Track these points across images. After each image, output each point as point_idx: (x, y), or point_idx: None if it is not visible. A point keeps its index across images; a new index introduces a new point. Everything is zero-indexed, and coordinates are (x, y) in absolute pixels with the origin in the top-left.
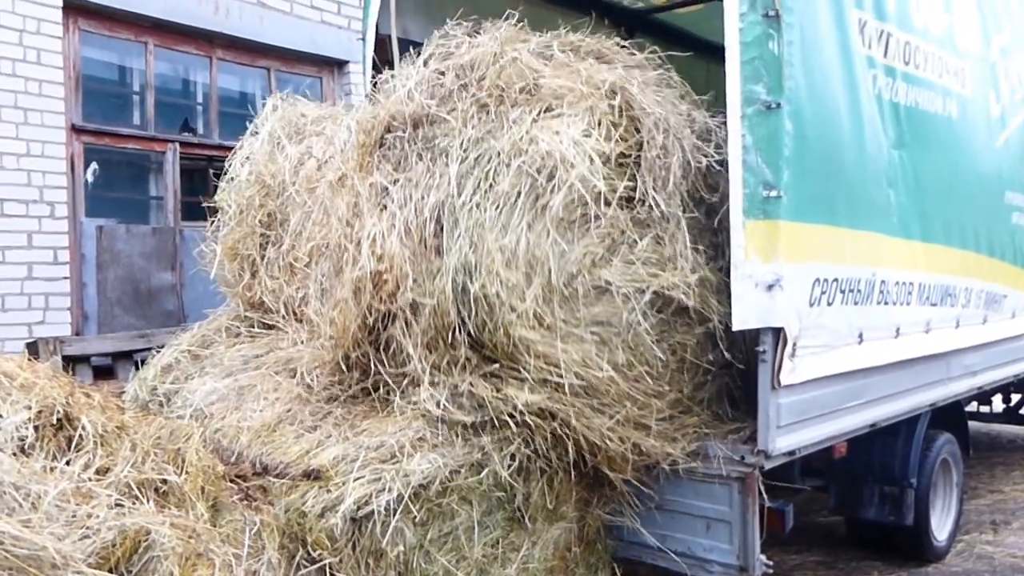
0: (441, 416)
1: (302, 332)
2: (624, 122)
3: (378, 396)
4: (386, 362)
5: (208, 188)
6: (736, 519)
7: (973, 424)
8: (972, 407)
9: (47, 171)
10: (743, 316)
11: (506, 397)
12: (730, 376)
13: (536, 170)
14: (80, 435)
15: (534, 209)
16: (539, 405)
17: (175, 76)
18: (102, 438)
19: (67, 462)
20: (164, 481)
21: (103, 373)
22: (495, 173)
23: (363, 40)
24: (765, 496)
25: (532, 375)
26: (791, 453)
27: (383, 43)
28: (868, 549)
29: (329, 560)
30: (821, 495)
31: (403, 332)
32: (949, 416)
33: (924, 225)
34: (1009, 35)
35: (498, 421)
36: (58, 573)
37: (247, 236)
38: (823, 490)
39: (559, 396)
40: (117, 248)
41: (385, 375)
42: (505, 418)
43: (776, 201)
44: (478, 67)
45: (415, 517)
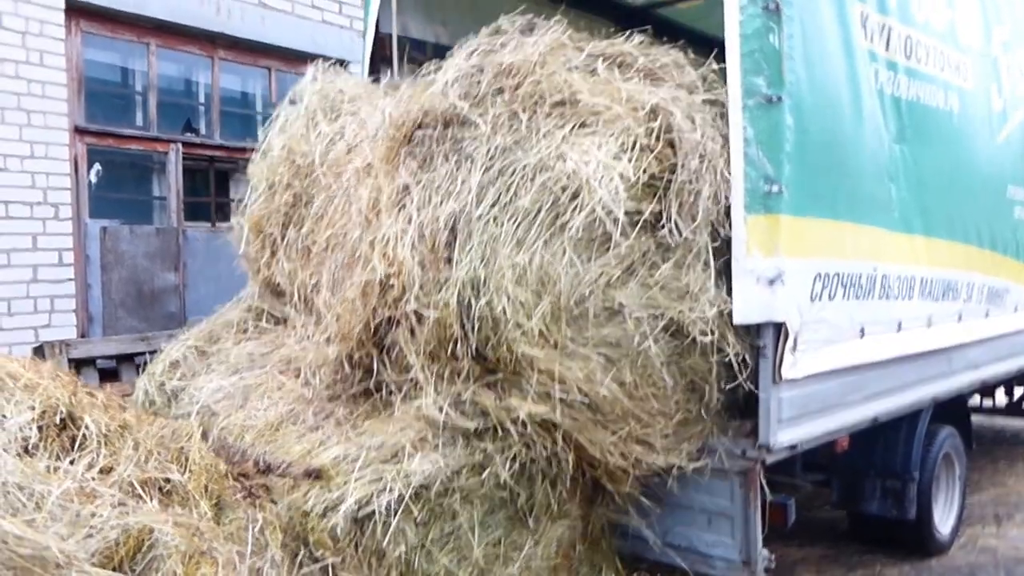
0: (443, 422)
1: (309, 325)
2: (660, 145)
3: (380, 397)
4: (389, 365)
5: (209, 188)
6: (738, 514)
7: (976, 418)
8: (975, 400)
9: (51, 173)
10: (745, 311)
11: (508, 407)
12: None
13: (560, 188)
14: (83, 435)
15: (553, 227)
16: (542, 416)
17: (177, 77)
18: (105, 437)
19: (71, 462)
20: (167, 480)
21: (108, 376)
22: (518, 187)
23: (363, 37)
24: (767, 490)
25: (535, 389)
26: (793, 447)
27: (383, 41)
28: (871, 543)
29: (331, 560)
30: (823, 490)
31: (406, 339)
32: (952, 410)
33: (926, 219)
34: (1011, 29)
35: (500, 429)
36: (62, 572)
37: (272, 214)
38: (825, 484)
39: (562, 409)
40: (121, 249)
41: (387, 378)
42: (508, 426)
43: (777, 196)
44: (517, 73)
45: (416, 517)
